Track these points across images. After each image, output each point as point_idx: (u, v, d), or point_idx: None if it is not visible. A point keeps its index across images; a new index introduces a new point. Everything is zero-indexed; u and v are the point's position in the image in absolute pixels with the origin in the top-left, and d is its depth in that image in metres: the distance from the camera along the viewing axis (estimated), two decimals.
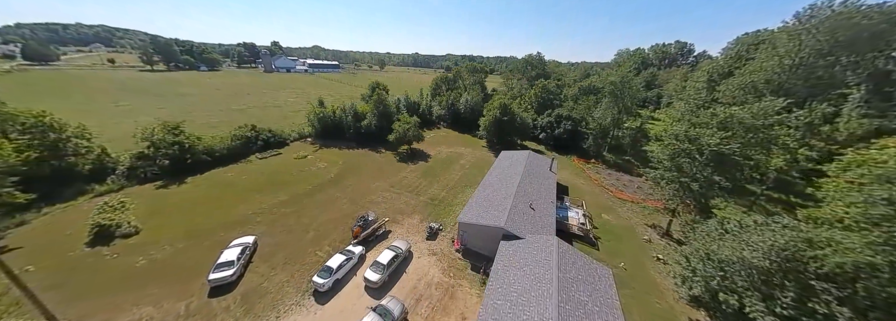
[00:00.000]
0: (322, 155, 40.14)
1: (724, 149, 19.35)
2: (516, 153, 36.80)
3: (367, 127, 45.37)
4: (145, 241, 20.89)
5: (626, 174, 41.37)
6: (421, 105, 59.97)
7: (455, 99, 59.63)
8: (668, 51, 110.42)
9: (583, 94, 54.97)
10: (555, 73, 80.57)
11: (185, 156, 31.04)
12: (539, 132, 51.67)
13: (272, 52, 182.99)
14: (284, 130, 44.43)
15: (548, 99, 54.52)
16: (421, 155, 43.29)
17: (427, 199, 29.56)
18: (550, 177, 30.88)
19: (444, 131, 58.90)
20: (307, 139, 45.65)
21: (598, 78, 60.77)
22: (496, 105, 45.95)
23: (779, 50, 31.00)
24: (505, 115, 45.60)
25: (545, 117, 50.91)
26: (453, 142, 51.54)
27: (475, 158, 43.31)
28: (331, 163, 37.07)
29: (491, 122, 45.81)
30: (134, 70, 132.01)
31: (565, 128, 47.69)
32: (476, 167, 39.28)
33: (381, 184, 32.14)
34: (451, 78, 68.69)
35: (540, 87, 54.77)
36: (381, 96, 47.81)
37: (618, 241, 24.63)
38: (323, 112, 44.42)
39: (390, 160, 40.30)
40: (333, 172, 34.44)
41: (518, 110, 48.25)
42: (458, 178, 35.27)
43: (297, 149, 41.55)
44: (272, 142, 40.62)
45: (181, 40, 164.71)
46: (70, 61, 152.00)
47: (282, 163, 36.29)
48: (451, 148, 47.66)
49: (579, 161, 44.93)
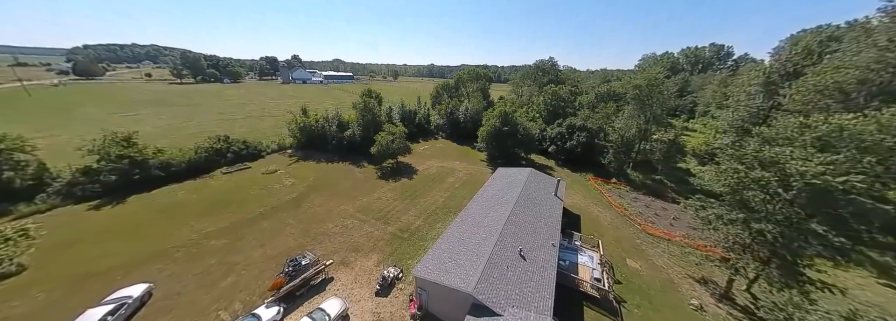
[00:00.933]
0: (295, 169, 35.83)
1: (834, 182, 11.82)
2: (515, 171, 30.23)
3: (350, 138, 40.94)
4: (25, 284, 16.61)
5: (658, 199, 33.10)
6: (417, 114, 55.25)
7: (454, 107, 54.38)
8: (701, 54, 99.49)
9: (601, 100, 47.56)
10: (569, 80, 73.39)
11: (134, 171, 27.70)
12: (548, 144, 44.67)
13: (291, 65, 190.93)
14: (262, 141, 41.03)
15: (559, 107, 47.69)
16: (407, 170, 37.81)
17: (396, 230, 23.62)
18: (555, 204, 23.93)
19: (441, 142, 53.42)
20: (287, 151, 41.92)
21: (619, 83, 52.97)
22: (496, 113, 39.98)
23: (878, 39, 22.73)
24: (506, 124, 39.40)
25: (555, 127, 43.98)
26: (448, 155, 45.75)
27: (468, 175, 37.07)
28: (299, 180, 32.50)
29: (489, 132, 39.72)
30: (164, 83, 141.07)
31: (579, 140, 40.42)
32: (467, 186, 32.99)
33: (347, 208, 26.76)
34: (453, 85, 63.95)
35: (549, 93, 48.22)
36: (368, 104, 43.55)
37: (651, 307, 17.08)
38: (304, 121, 40.68)
39: (370, 176, 35.13)
40: (297, 191, 29.67)
41: (522, 119, 41.89)
42: (441, 201, 29.14)
43: (271, 162, 37.66)
44: (244, 154, 37.08)
45: (208, 55, 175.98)
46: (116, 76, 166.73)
47: (246, 179, 32.23)
48: (443, 162, 41.84)
49: (597, 180, 37.19)
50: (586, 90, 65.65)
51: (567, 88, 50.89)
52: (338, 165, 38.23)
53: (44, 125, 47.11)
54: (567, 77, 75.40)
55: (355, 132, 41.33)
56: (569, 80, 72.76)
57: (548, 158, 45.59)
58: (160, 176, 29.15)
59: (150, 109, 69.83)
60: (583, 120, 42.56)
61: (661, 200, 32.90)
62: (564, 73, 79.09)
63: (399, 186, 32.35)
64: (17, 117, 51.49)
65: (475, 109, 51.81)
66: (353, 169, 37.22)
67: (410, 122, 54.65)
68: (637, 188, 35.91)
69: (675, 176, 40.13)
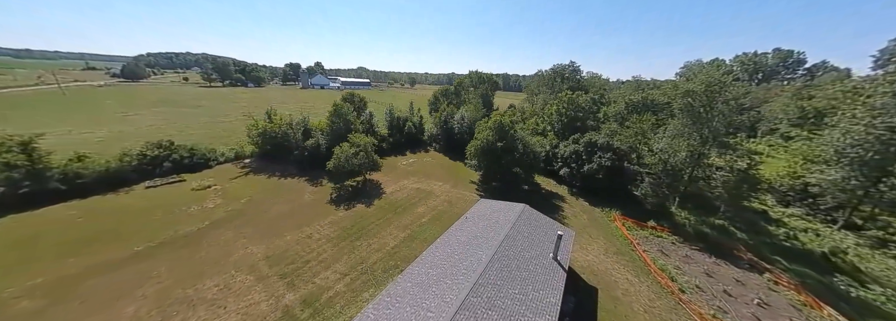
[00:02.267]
0: (234, 185, 29.44)
1: None
2: (502, 207, 21.09)
3: (312, 147, 34.21)
4: None
5: (724, 259, 21.87)
6: (407, 122, 47.93)
7: (448, 115, 46.35)
8: (762, 62, 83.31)
9: (633, 112, 36.90)
10: (593, 88, 62.77)
11: (24, 183, 22.56)
12: (559, 165, 34.75)
13: (311, 71, 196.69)
14: (216, 149, 35.64)
15: (576, 118, 37.78)
16: (372, 191, 30.00)
17: (297, 302, 15.44)
18: (552, 272, 14.47)
19: (431, 156, 45.31)
20: (244, 160, 36.15)
21: (659, 91, 41.67)
22: (490, 124, 31.25)
23: None
24: (502, 138, 30.44)
25: (569, 144, 34.07)
26: (433, 172, 37.37)
27: (447, 203, 28.31)
28: (228, 201, 25.83)
29: (481, 148, 30.94)
30: (194, 86, 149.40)
31: (601, 163, 30.20)
32: (438, 221, 24.27)
33: (256, 251, 19.23)
34: (453, 91, 56.24)
35: (565, 101, 38.59)
36: (341, 109, 36.96)
37: None
38: (265, 127, 34.79)
39: (320, 199, 27.72)
40: (213, 218, 22.85)
41: (523, 132, 32.66)
42: (391, 247, 20.65)
43: (216, 174, 31.75)
44: (186, 164, 31.56)
45: (237, 61, 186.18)
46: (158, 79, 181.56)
47: (167, 196, 26.20)
48: (422, 181, 33.50)
49: (625, 221, 26.61)
50: (614, 99, 54.66)
51: (588, 96, 40.87)
52: (290, 182, 31.40)
53: (31, 124, 46.20)
54: (590, 84, 64.76)
55: (320, 141, 34.60)
56: (593, 87, 62.18)
57: (558, 183, 35.50)
58: (60, 190, 23.85)
59: (154, 109, 70.83)
60: (607, 136, 32.31)
61: (730, 263, 21.67)
62: (588, 80, 68.47)
63: (348, 217, 24.43)
64: (16, 116, 51.82)
65: (472, 118, 43.34)
66: (306, 187, 30.11)
67: (398, 130, 47.49)
68: (688, 238, 24.82)
69: (745, 220, 28.25)
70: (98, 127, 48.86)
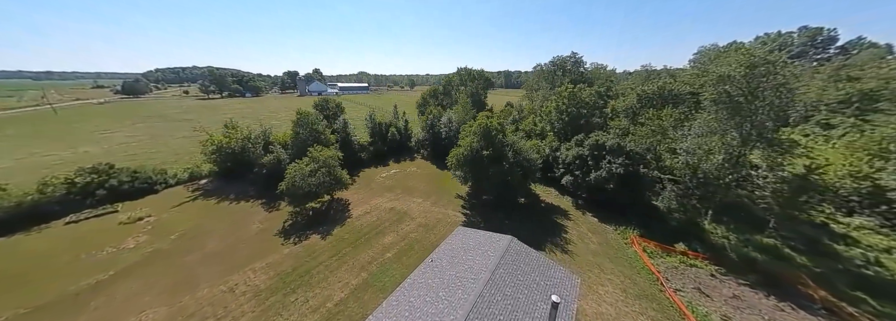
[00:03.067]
0: (175, 215, 25.10)
1: None
2: (484, 239, 15.89)
3: (272, 165, 29.69)
4: None
5: (790, 301, 16.01)
6: (390, 128, 43.12)
7: (435, 118, 41.31)
8: (787, 41, 74.93)
9: (647, 105, 30.94)
10: (598, 80, 56.61)
11: None
12: (560, 171, 29.25)
13: (309, 78, 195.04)
14: (167, 170, 31.58)
15: (579, 115, 32.09)
16: (337, 215, 25.27)
17: None
18: None
19: (417, 164, 40.33)
20: (199, 182, 31.97)
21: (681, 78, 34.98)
22: (475, 129, 26.02)
23: None
24: (488, 145, 25.17)
25: (572, 147, 28.50)
26: (414, 185, 32.34)
27: (423, 226, 23.21)
28: (157, 237, 21.45)
29: (465, 156, 25.75)
30: (193, 99, 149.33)
31: (612, 169, 24.54)
32: (406, 255, 19.23)
33: (155, 316, 14.60)
34: (442, 91, 51.13)
35: (566, 96, 32.97)
36: (306, 118, 32.40)
37: None
38: (219, 142, 30.51)
39: (271, 228, 23.08)
40: (125, 264, 18.44)
41: (514, 137, 27.27)
42: (338, 300, 15.69)
43: (159, 201, 27.55)
44: (126, 190, 27.52)
45: (236, 71, 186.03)
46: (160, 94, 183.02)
47: (87, 234, 21.99)
48: (399, 198, 28.53)
49: (646, 245, 20.90)
50: (622, 92, 48.44)
51: (592, 90, 35.04)
52: (243, 206, 26.92)
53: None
54: (595, 76, 58.50)
55: (281, 156, 30.08)
56: (598, 79, 55.96)
57: (560, 193, 29.94)
58: None
59: (137, 125, 69.19)
60: (617, 136, 26.57)
61: (798, 305, 15.79)
62: (592, 71, 62.07)
63: (293, 255, 19.64)
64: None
65: (460, 121, 38.17)
66: (259, 213, 25.54)
67: (381, 138, 42.73)
68: (732, 267, 18.97)
69: (802, 237, 22.12)
70: (66, 148, 46.09)
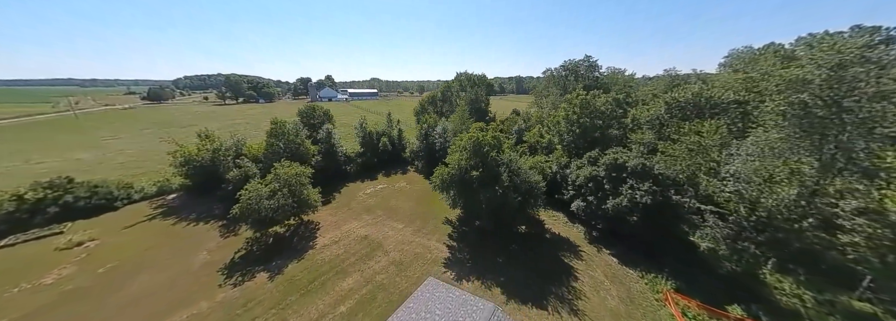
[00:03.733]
0: (123, 238, 22.19)
1: None
2: (457, 305, 11.40)
3: (239, 181, 26.55)
4: None
5: None
6: (382, 138, 39.58)
7: (430, 127, 37.38)
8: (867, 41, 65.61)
9: (678, 116, 25.32)
10: (616, 86, 51.08)
11: None
12: (569, 192, 24.23)
13: (320, 85, 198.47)
14: (134, 184, 29.24)
15: (592, 126, 27.00)
16: (300, 243, 21.51)
17: None
18: None
19: (408, 178, 36.31)
20: (167, 197, 29.38)
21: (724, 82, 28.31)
22: (464, 143, 21.67)
23: None
24: (479, 165, 20.74)
25: (585, 166, 23.46)
26: (399, 205, 28.21)
27: (394, 265, 18.88)
28: (85, 269, 18.40)
29: (452, 176, 21.41)
30: (210, 104, 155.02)
31: (635, 197, 19.32)
32: (365, 309, 14.90)
33: None
34: (440, 97, 47.27)
35: (577, 104, 28.04)
36: (282, 128, 29.35)
37: None
38: (187, 155, 27.88)
39: (219, 259, 19.56)
40: (23, 311, 15.30)
41: (514, 153, 22.67)
42: None
43: (114, 220, 24.91)
44: (83, 207, 25.12)
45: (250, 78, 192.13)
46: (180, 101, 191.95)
47: (14, 262, 19.30)
48: (376, 223, 24.43)
49: (686, 304, 15.44)
50: (644, 99, 42.54)
51: (609, 97, 29.88)
52: (200, 229, 23.74)
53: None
54: (611, 81, 52.88)
55: (250, 172, 26.96)
56: (615, 85, 50.36)
57: (570, 220, 24.79)
58: None
59: (145, 131, 70.48)
60: (641, 154, 21.34)
61: None
62: (609, 76, 56.39)
63: (227, 304, 15.84)
64: None
65: (455, 131, 33.99)
66: (213, 239, 22.18)
67: (371, 149, 39.25)
68: None
69: None
70: (63, 154, 45.94)
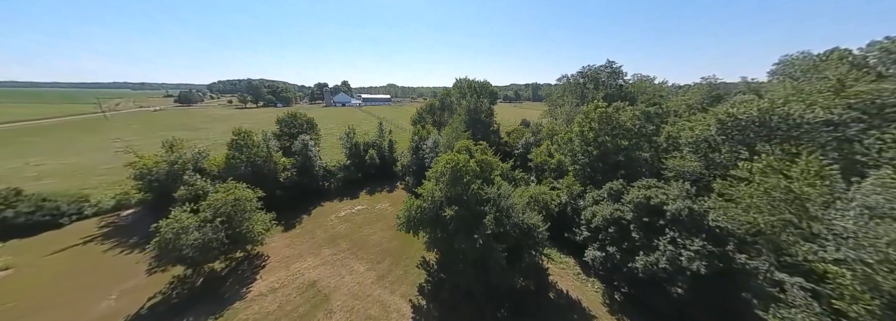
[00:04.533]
0: (44, 265, 19.05)
1: None
2: None
3: (184, 200, 23.11)
4: None
5: None
6: (368, 151, 35.50)
7: (421, 140, 32.82)
8: None
9: (734, 139, 18.58)
10: (643, 95, 44.31)
11: None
12: (582, 234, 18.35)
13: (335, 90, 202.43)
14: (91, 197, 26.81)
15: (616, 148, 21.00)
16: (231, 289, 17.31)
17: None
18: None
19: (392, 198, 31.63)
20: (122, 213, 26.64)
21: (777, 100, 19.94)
22: (441, 169, 16.68)
23: None
24: (458, 199, 15.63)
25: (604, 201, 17.57)
26: (372, 234, 23.42)
27: None
28: None
29: (421, 211, 16.41)
30: (232, 108, 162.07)
31: (681, 260, 13.21)
32: None
33: None
34: (438, 106, 42.64)
35: (594, 118, 22.23)
36: (245, 140, 25.94)
37: None
38: (143, 167, 25.06)
39: (122, 309, 15.69)
40: None
41: (507, 183, 17.23)
42: None
43: (52, 239, 22.11)
44: (23, 223, 22.63)
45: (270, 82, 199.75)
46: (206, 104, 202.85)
47: None
48: (333, 263, 19.76)
49: None
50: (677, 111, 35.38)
51: (637, 110, 23.77)
52: (131, 258, 20.26)
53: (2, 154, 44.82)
54: (638, 91, 45.87)
55: (205, 189, 23.51)
56: (642, 94, 43.46)
57: (584, 271, 18.75)
58: None
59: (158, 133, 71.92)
60: (687, 194, 15.20)
61: None
62: (635, 85, 49.25)
63: None
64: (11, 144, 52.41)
65: (447, 145, 29.13)
66: (137, 274, 18.45)
67: (357, 162, 35.26)
68: None
69: None
70: (68, 157, 46.25)
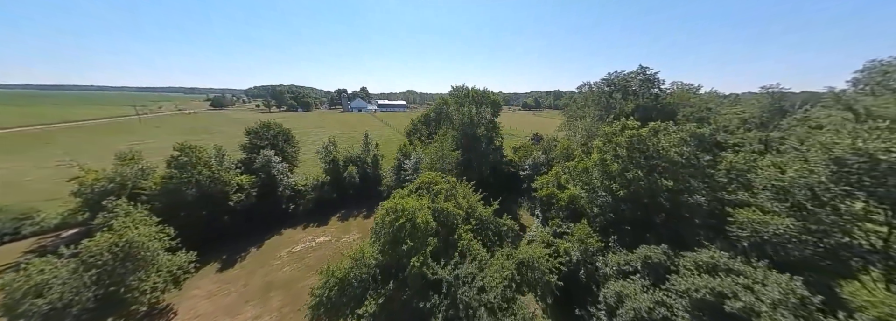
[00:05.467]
0: None
1: None
2: None
3: None
4: None
5: None
6: (347, 168, 31.02)
7: (404, 156, 27.71)
8: None
9: (854, 184, 11.47)
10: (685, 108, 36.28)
11: None
12: (599, 310, 11.72)
13: (353, 95, 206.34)
14: (39, 213, 24.53)
15: (653, 190, 14.23)
16: None
17: None
18: None
19: (364, 227, 26.56)
20: (63, 232, 24.04)
21: None
22: (388, 219, 11.22)
23: None
24: (399, 260, 10.01)
25: (632, 276, 11.03)
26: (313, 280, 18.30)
27: None
28: None
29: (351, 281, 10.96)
30: (256, 111, 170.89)
31: None
32: None
33: None
34: (433, 117, 37.47)
35: (621, 142, 15.68)
36: (189, 156, 22.36)
37: None
38: (84, 183, 22.29)
39: None
40: None
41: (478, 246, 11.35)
42: None
43: None
44: None
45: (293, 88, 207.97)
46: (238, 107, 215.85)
47: None
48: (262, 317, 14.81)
49: None
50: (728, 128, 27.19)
51: (686, 132, 16.77)
52: None
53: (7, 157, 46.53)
54: (680, 101, 37.48)
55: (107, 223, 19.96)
56: (685, 108, 35.26)
57: None
58: None
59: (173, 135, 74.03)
60: (800, 301, 8.41)
61: None
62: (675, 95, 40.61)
63: None
64: None
65: (430, 165, 23.68)
66: None
67: (335, 180, 30.92)
68: None
69: None
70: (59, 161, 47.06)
